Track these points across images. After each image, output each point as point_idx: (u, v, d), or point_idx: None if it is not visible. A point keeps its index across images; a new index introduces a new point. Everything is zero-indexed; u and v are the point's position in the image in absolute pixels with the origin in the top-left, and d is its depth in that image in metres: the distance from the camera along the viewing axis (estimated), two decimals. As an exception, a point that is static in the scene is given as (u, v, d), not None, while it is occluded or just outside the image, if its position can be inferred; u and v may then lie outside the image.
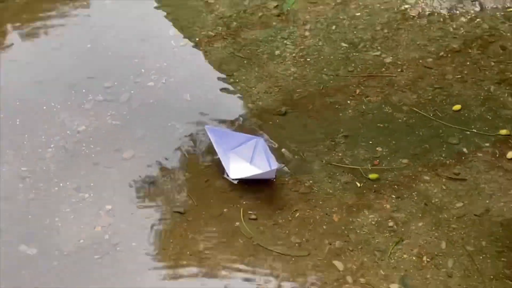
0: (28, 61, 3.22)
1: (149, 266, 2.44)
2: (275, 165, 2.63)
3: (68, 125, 2.90)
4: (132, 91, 3.04)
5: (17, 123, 2.92)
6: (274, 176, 2.66)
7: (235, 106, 2.99)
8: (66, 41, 3.32)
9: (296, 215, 2.57)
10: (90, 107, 2.98)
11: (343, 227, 2.53)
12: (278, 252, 2.47)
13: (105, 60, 3.20)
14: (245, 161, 2.74)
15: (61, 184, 2.68)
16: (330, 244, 2.49)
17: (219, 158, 2.68)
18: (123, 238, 2.51)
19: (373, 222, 2.54)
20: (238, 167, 2.71)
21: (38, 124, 2.91)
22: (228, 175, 2.67)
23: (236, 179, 2.66)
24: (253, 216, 2.57)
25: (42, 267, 2.43)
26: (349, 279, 2.39)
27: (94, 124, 2.90)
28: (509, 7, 3.37)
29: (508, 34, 3.24)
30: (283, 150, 2.78)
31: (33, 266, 2.43)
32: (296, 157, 2.77)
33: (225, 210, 2.60)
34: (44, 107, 2.99)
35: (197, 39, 3.30)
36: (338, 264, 2.43)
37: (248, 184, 2.64)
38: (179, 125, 2.90)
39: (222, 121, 2.90)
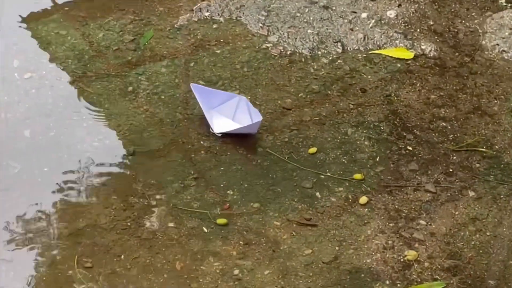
0: None
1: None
2: (256, 118, 2.93)
3: None
4: (-35, 126, 2.92)
5: None
6: (256, 131, 2.96)
7: (78, 144, 2.91)
8: None
9: (136, 263, 2.50)
10: None
11: (186, 276, 2.48)
12: (114, 303, 2.39)
13: None
14: (227, 117, 3.01)
15: None
16: (170, 294, 2.44)
17: (204, 114, 3.00)
18: None
19: (217, 270, 2.50)
20: (221, 123, 2.99)
21: None
22: (212, 130, 2.96)
23: (220, 133, 2.96)
24: (88, 264, 2.48)
25: None
26: (187, 332, 2.34)
27: None
28: (371, 49, 3.46)
29: (369, 77, 3.32)
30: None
31: None
32: (141, 200, 2.71)
33: (58, 257, 2.50)
34: None
35: (43, 72, 3.20)
36: (178, 316, 2.38)
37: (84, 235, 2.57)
38: (15, 164, 2.80)
39: (62, 164, 2.83)
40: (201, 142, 2.96)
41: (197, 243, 2.58)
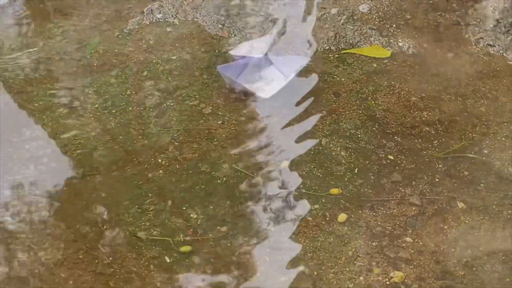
0: None
1: None
2: (292, 70, 3.22)
3: None
4: None
5: None
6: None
7: (19, 169, 2.89)
8: None
9: (91, 301, 2.50)
10: None
11: (148, 313, 2.48)
12: None
13: None
14: (256, 83, 3.22)
15: None
16: (131, 334, 2.43)
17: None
18: None
19: (183, 305, 2.51)
20: (262, 87, 3.20)
21: None
22: (260, 97, 3.18)
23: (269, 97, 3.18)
24: (37, 305, 2.48)
25: None
26: None
27: None
28: (343, 49, 3.47)
29: (343, 79, 3.34)
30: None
31: None
32: (94, 229, 2.70)
33: (2, 299, 2.49)
34: None
35: (-23, 88, 3.20)
36: None
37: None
38: None
39: (1, 192, 2.81)
40: (159, 160, 2.95)
41: (159, 275, 2.57)
